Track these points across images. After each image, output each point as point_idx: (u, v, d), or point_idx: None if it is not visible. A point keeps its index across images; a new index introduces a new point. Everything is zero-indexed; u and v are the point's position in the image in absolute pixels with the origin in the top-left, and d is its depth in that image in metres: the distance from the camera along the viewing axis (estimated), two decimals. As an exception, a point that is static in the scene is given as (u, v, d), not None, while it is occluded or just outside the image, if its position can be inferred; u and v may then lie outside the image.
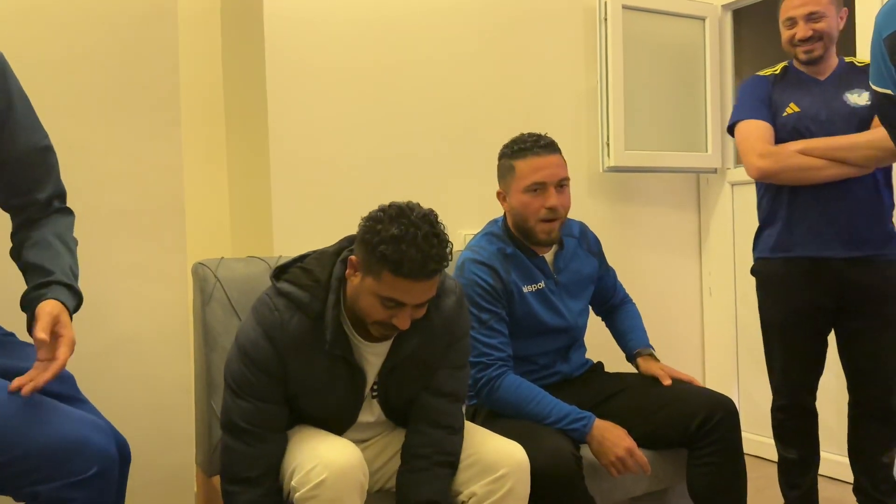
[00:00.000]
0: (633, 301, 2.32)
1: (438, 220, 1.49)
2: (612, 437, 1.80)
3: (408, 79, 2.66)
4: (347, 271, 1.53)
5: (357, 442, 1.65)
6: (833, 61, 2.26)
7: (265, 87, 2.44)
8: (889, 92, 1.96)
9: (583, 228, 2.19)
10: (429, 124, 2.69)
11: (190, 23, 2.69)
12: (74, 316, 1.86)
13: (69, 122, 1.50)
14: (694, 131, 3.22)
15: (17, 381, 1.25)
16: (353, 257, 1.52)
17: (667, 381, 1.99)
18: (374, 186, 2.55)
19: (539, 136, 1.99)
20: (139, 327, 1.91)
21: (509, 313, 1.98)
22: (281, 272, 1.61)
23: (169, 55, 1.95)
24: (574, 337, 2.12)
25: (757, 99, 2.26)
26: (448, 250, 1.47)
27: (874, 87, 1.99)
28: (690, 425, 1.87)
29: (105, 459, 1.28)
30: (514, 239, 2.03)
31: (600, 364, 2.20)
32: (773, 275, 2.27)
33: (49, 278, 1.35)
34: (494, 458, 1.56)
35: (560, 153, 1.99)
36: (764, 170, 2.18)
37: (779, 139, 2.20)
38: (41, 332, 1.25)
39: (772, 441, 2.37)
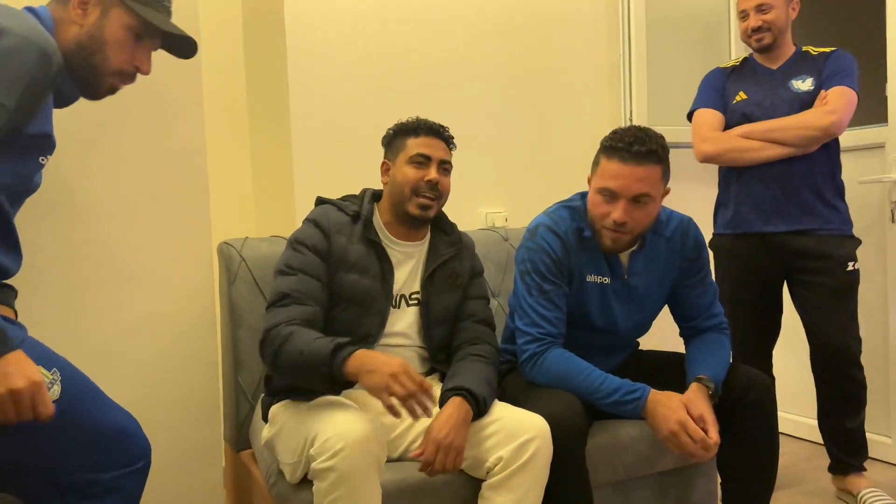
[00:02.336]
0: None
1: None
2: (665, 410, 1.68)
3: (429, 55, 2.65)
4: (382, 178, 1.87)
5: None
6: (787, 50, 2.41)
7: (286, 66, 2.44)
8: None
9: (682, 228, 1.94)
10: (450, 101, 2.68)
11: (211, 4, 2.70)
12: (103, 293, 1.89)
13: (90, 103, 1.51)
14: (718, 106, 3.17)
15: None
16: (383, 162, 1.88)
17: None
18: (395, 165, 2.55)
19: (643, 137, 1.74)
20: (166, 306, 1.93)
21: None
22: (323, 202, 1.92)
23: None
24: (620, 345, 1.99)
25: (711, 88, 2.45)
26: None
27: None
28: (724, 402, 1.79)
29: (148, 453, 1.39)
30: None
31: (635, 344, 2.12)
32: (724, 250, 2.44)
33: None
34: (518, 425, 1.62)
35: (655, 164, 1.74)
36: (705, 152, 2.39)
37: (730, 125, 2.39)
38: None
39: (797, 417, 2.39)
